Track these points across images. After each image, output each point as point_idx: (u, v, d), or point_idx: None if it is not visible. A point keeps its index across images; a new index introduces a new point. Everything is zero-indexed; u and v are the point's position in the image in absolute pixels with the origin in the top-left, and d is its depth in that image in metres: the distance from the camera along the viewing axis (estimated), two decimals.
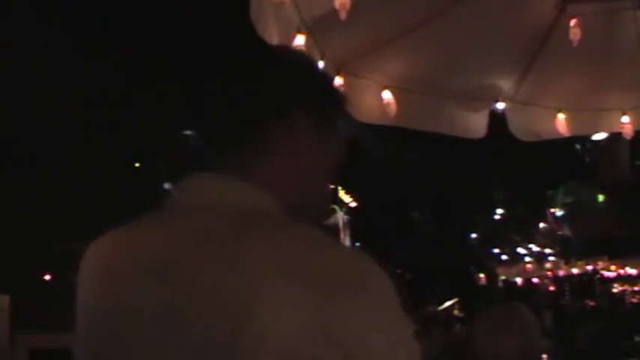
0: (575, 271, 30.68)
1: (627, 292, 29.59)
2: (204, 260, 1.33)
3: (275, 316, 1.25)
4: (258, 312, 1.25)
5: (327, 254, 1.34)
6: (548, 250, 32.93)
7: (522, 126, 5.31)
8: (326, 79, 1.67)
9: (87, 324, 1.49)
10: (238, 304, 1.27)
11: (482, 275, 32.35)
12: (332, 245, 1.39)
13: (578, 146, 22.90)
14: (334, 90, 1.68)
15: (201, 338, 1.29)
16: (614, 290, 30.36)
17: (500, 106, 5.13)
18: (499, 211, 32.97)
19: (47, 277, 15.58)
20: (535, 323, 3.58)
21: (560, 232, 26.21)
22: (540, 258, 33.39)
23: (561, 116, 5.19)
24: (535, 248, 34.26)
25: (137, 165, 18.06)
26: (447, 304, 14.71)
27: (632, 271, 29.83)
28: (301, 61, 1.65)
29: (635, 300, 28.16)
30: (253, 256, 1.30)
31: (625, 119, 5.18)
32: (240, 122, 1.52)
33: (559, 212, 23.68)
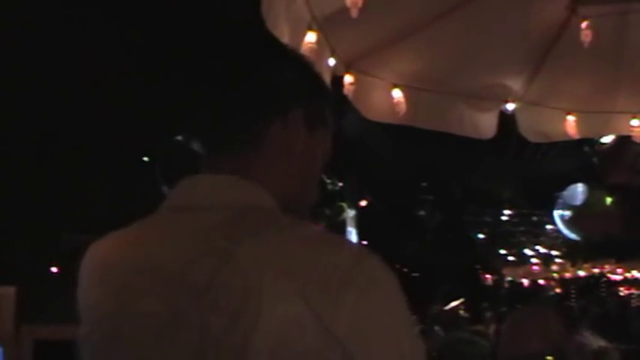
0: (581, 273, 30.64)
1: (634, 296, 29.51)
2: (200, 260, 1.36)
3: (265, 308, 1.27)
4: (248, 307, 1.28)
5: (322, 250, 1.35)
6: (554, 252, 32.90)
7: (532, 127, 5.31)
8: (315, 73, 1.69)
9: (90, 323, 1.52)
10: (230, 301, 1.30)
11: (488, 276, 32.31)
12: (331, 242, 1.40)
13: (586, 148, 22.86)
14: (323, 84, 1.70)
15: (196, 336, 1.32)
16: (621, 294, 30.29)
17: (510, 106, 5.13)
18: (506, 211, 32.94)
19: (54, 269, 15.60)
20: (559, 327, 3.58)
21: (566, 234, 26.17)
22: (547, 260, 33.36)
23: (571, 118, 5.19)
24: (542, 250, 34.23)
25: (146, 159, 18.06)
26: (453, 304, 14.68)
27: (639, 275, 29.78)
28: (294, 57, 1.67)
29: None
30: (246, 253, 1.32)
31: (635, 122, 5.18)
32: (239, 121, 1.54)
33: (566, 214, 23.60)
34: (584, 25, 4.27)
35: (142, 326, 1.39)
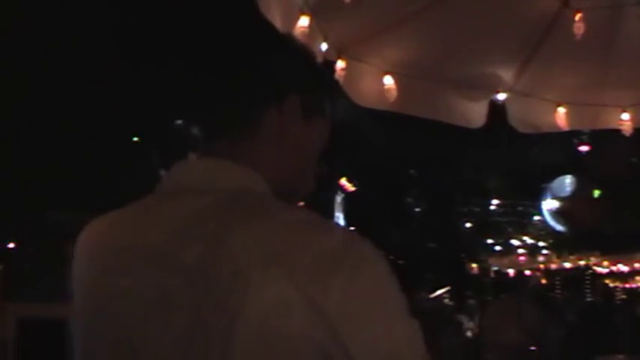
0: (567, 265, 30.71)
1: (618, 289, 29.59)
2: (191, 243, 1.37)
3: (253, 292, 1.28)
4: (236, 290, 1.29)
5: (312, 235, 1.36)
6: (541, 243, 32.95)
7: (522, 118, 5.30)
8: (315, 62, 1.70)
9: (81, 302, 1.52)
10: (219, 284, 1.31)
11: (474, 265, 32.38)
12: (320, 226, 1.40)
13: (575, 140, 22.93)
14: (323, 74, 1.70)
15: (185, 317, 1.33)
16: (607, 287, 30.34)
17: (501, 96, 5.13)
18: (494, 201, 32.99)
19: (39, 247, 15.55)
20: (536, 317, 3.61)
21: (553, 226, 26.25)
22: (533, 250, 33.41)
23: (561, 110, 5.19)
24: (528, 240, 34.29)
25: (135, 139, 17.99)
26: (438, 292, 14.76)
27: (624, 268, 29.88)
28: (294, 45, 1.67)
29: (624, 297, 28.14)
30: (236, 237, 1.33)
31: (625, 116, 5.18)
32: (235, 107, 1.55)
33: (554, 205, 23.68)
34: (577, 17, 4.26)
35: (132, 306, 1.40)
